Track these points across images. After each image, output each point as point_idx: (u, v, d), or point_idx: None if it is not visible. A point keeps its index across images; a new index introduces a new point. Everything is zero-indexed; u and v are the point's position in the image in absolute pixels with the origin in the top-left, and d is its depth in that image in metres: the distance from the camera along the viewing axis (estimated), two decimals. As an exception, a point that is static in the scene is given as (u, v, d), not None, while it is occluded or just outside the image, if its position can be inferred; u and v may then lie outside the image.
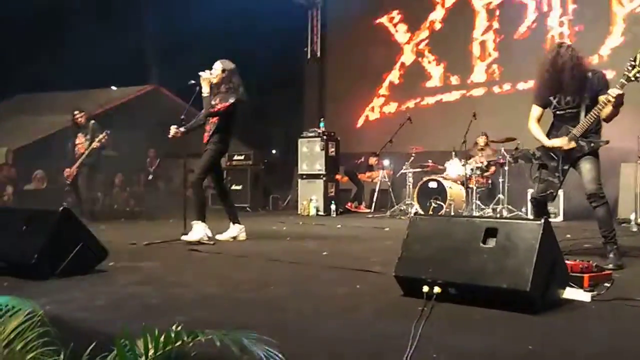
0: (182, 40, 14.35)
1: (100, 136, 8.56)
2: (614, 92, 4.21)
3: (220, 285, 3.57)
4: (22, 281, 3.63)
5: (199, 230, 5.79)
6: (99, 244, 4.06)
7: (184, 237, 5.75)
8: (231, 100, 5.86)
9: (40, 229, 3.85)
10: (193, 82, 5.96)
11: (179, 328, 1.71)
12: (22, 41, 13.26)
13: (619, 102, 4.22)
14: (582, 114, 4.42)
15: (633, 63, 4.21)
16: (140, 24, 15.20)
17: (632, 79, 4.21)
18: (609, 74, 4.67)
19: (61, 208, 3.95)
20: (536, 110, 4.71)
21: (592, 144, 4.41)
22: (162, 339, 1.65)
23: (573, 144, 4.44)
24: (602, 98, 4.30)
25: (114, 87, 14.37)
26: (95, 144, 8.55)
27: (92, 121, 8.86)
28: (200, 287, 3.51)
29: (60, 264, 3.73)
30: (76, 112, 8.78)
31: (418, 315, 2.65)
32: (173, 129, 6.10)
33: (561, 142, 4.49)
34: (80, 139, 8.70)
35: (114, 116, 11.43)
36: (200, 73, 5.92)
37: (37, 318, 1.92)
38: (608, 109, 4.28)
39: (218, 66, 5.98)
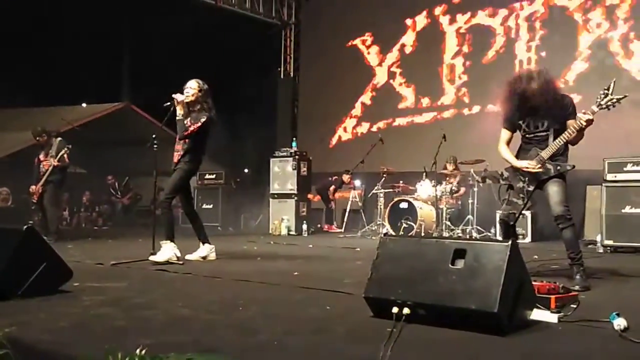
0: (155, 58, 14.30)
1: (61, 153, 8.38)
2: (584, 117, 4.30)
3: (188, 307, 3.51)
4: (-17, 302, 3.52)
5: (167, 250, 5.71)
6: (64, 264, 3.97)
7: (152, 258, 5.66)
8: (202, 120, 5.81)
9: (3, 247, 3.74)
10: (168, 103, 5.90)
11: (144, 351, 1.68)
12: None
13: (587, 126, 4.32)
14: (551, 137, 4.51)
15: (606, 92, 4.32)
16: (114, 41, 15.10)
17: (604, 106, 4.32)
18: (575, 99, 4.78)
19: (25, 226, 3.86)
20: (506, 134, 4.81)
21: (559, 167, 4.50)
22: (125, 362, 1.62)
23: (540, 167, 4.52)
24: (572, 123, 4.39)
25: (84, 104, 14.20)
26: (55, 162, 8.37)
27: (59, 138, 8.69)
28: (168, 309, 3.45)
29: (23, 284, 3.63)
30: (37, 134, 8.59)
31: (387, 336, 2.64)
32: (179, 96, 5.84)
33: (529, 163, 4.58)
34: (45, 156, 8.53)
35: (83, 133, 11.27)
36: (174, 95, 5.86)
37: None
38: (575, 134, 4.38)
39: (194, 85, 5.90)
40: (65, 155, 8.40)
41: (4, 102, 13.50)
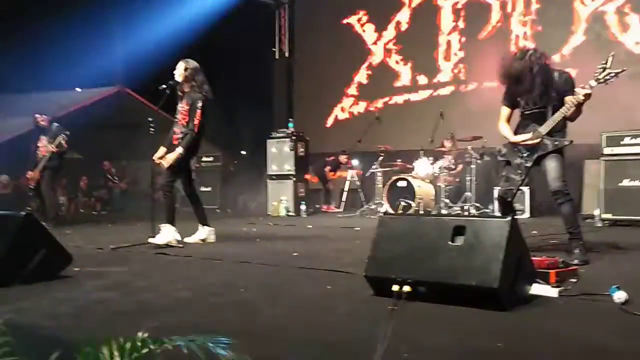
0: (149, 41, 14.18)
1: (58, 139, 8.35)
2: (582, 92, 4.28)
3: (189, 289, 3.52)
4: (-17, 289, 3.53)
5: (167, 233, 5.71)
6: (63, 249, 3.97)
7: (151, 240, 5.67)
8: (199, 105, 5.81)
9: (3, 234, 3.74)
10: (164, 86, 5.92)
11: (146, 335, 1.67)
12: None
13: (584, 101, 4.30)
14: (549, 113, 4.49)
15: (604, 65, 4.29)
16: (107, 24, 14.95)
17: (602, 80, 4.29)
18: (572, 72, 4.75)
19: (24, 213, 3.85)
20: (505, 111, 4.80)
21: (556, 143, 4.49)
22: (127, 346, 1.61)
23: (538, 141, 4.51)
24: (569, 99, 4.37)
25: (78, 89, 14.11)
26: (52, 148, 8.34)
27: (55, 124, 8.66)
28: (168, 292, 3.46)
29: (23, 271, 3.63)
30: (37, 116, 8.60)
31: (388, 314, 2.65)
32: (158, 157, 5.91)
33: (526, 136, 4.57)
34: (43, 142, 8.49)
35: (78, 118, 11.20)
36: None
37: (-3, 328, 1.86)
38: (573, 109, 4.37)
39: (180, 66, 5.95)
40: (62, 141, 8.36)
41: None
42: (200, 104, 5.83)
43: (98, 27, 14.36)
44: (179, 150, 5.79)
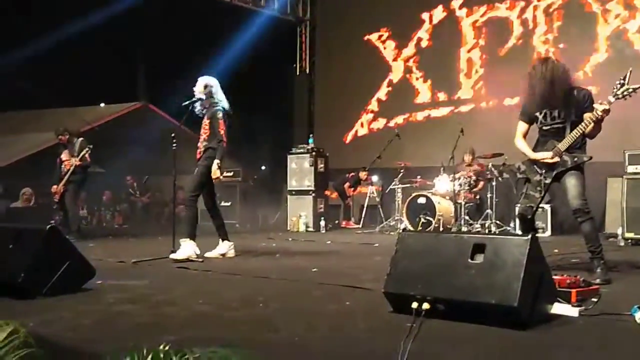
0: (171, 56, 14.41)
1: (82, 152, 8.49)
2: (600, 107, 4.26)
3: (209, 303, 3.54)
4: (8, 300, 3.59)
5: (187, 248, 5.76)
6: (87, 262, 4.03)
7: (172, 255, 5.72)
8: (219, 117, 5.92)
9: (27, 247, 3.81)
10: (186, 103, 6.03)
11: (167, 347, 1.70)
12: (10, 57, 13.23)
13: (603, 118, 4.28)
14: (568, 129, 4.48)
15: (622, 81, 4.27)
16: (130, 40, 15.22)
17: (620, 96, 4.27)
18: (593, 90, 4.73)
19: (48, 226, 3.92)
20: (522, 126, 4.79)
21: (576, 159, 4.46)
22: (150, 358, 1.64)
23: (557, 158, 4.49)
24: (588, 115, 4.35)
25: (102, 104, 14.35)
26: (76, 162, 8.47)
27: (80, 138, 8.80)
28: (189, 306, 3.49)
29: (47, 283, 3.70)
30: (59, 133, 8.75)
31: (407, 331, 2.65)
32: (216, 173, 5.92)
33: (545, 155, 4.55)
34: (67, 156, 8.64)
35: (102, 133, 11.39)
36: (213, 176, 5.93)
37: (22, 339, 1.90)
38: (592, 126, 4.34)
39: (200, 82, 6.08)
40: (86, 155, 8.51)
41: (24, 103, 13.69)
42: (220, 115, 5.95)
43: (121, 42, 14.62)
44: (216, 161, 5.87)
